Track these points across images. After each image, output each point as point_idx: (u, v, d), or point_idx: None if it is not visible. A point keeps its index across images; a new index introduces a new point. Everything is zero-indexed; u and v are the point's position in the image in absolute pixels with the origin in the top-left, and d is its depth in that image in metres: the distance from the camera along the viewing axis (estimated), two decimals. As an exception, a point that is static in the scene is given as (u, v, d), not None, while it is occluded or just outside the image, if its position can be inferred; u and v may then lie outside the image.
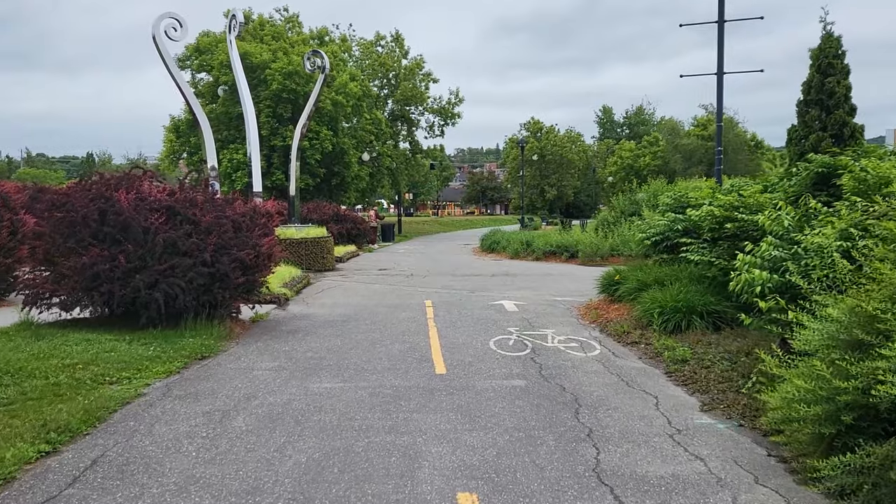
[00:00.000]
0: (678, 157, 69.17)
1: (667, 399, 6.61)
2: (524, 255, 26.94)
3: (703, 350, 8.26)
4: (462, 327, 10.89)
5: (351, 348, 9.21)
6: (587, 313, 12.09)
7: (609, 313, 11.56)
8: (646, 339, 9.26)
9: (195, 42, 39.28)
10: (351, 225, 31.40)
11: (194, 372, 7.82)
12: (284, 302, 13.93)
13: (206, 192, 10.75)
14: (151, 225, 9.64)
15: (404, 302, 14.06)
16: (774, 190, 9.92)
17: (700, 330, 9.13)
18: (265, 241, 10.69)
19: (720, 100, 13.90)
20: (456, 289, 16.38)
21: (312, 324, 11.34)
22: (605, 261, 23.97)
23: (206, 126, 21.08)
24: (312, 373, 7.76)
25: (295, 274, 17.13)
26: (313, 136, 35.84)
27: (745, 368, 7.17)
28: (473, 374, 7.68)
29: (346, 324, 11.28)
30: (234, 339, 9.91)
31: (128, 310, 10.06)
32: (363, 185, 43.67)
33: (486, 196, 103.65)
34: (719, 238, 9.72)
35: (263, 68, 36.45)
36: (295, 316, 12.30)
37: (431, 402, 6.48)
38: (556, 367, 7.98)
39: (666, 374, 7.61)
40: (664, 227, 11.81)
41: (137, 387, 7.06)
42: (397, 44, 52.81)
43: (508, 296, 14.91)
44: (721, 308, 9.34)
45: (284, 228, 21.64)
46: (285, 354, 8.83)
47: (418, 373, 7.73)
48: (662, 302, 9.67)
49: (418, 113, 53.88)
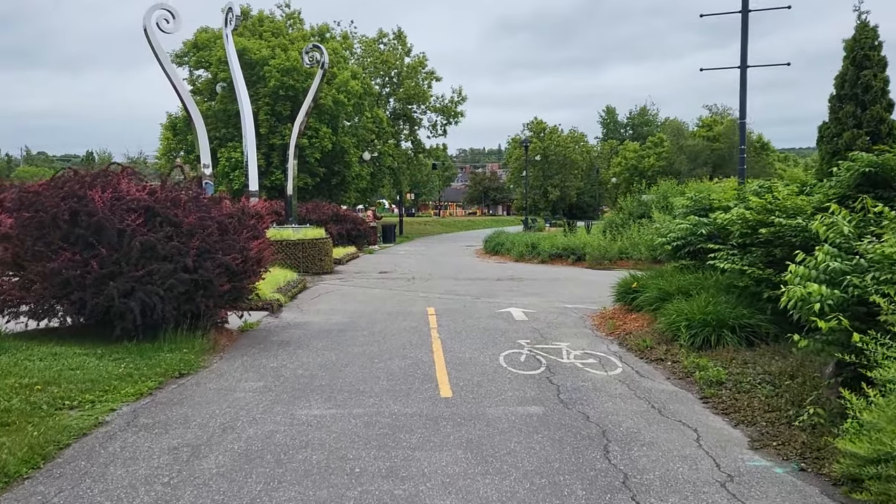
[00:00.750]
0: (683, 157, 68.30)
1: (708, 432, 5.72)
2: (529, 257, 26.07)
3: (738, 370, 7.37)
4: (468, 339, 10.01)
5: (346, 364, 8.33)
6: (603, 324, 11.20)
7: (627, 324, 10.68)
8: (672, 356, 8.37)
9: (193, 38, 38.47)
10: (351, 225, 30.53)
11: (168, 394, 6.94)
12: (277, 308, 13.05)
13: (191, 190, 9.87)
14: (128, 227, 8.76)
15: (405, 309, 13.18)
16: (812, 192, 9.03)
17: (732, 346, 8.24)
18: (254, 245, 9.81)
19: (743, 94, 13.00)
20: (460, 294, 15.50)
21: (306, 334, 10.46)
22: (613, 264, 23.10)
23: (199, 122, 20.22)
24: (301, 395, 6.88)
25: (290, 278, 16.25)
26: (312, 134, 34.98)
27: (793, 395, 6.29)
28: (483, 397, 6.80)
29: (342, 334, 10.41)
30: (218, 352, 9.03)
31: (103, 319, 9.20)
32: (364, 184, 42.79)
33: (489, 196, 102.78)
34: (752, 244, 8.84)
35: (262, 65, 35.60)
36: (288, 325, 11.42)
37: (436, 436, 5.60)
38: (575, 390, 7.09)
39: (701, 400, 6.71)
40: (686, 231, 10.93)
41: (101, 413, 6.18)
42: (400, 41, 51.94)
43: (516, 302, 14.03)
44: (754, 322, 8.46)
45: (281, 229, 20.78)
46: (273, 372, 7.95)
47: (421, 396, 6.85)
48: (689, 314, 8.78)
49: (420, 112, 53.04)
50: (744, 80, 13.01)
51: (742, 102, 13.04)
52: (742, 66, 12.92)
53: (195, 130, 20.42)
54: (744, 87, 13.00)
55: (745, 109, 13.04)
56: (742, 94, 12.98)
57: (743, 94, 12.96)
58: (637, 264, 22.84)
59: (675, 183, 27.99)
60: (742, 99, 12.99)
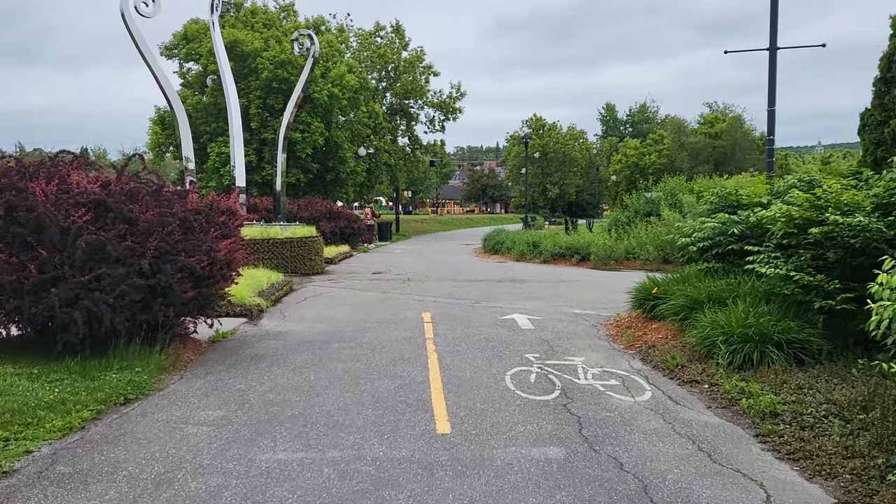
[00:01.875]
0: (685, 155, 67.15)
1: (779, 489, 4.49)
2: (531, 257, 24.82)
3: (793, 398, 6.15)
4: (468, 352, 8.77)
5: (326, 386, 7.09)
6: (619, 334, 9.97)
7: (648, 335, 9.45)
8: (709, 377, 7.13)
9: (182, 30, 37.19)
10: (345, 223, 29.25)
11: (104, 428, 5.70)
12: (257, 315, 11.80)
13: (153, 183, 8.60)
14: (73, 224, 7.51)
15: (398, 315, 11.94)
16: (871, 185, 7.80)
17: (779, 365, 7.02)
18: (223, 245, 8.55)
19: (773, 78, 11.77)
20: (458, 297, 14.26)
21: (285, 346, 9.22)
22: (619, 264, 21.91)
23: (181, 114, 18.96)
24: (267, 430, 5.64)
25: (275, 279, 15.00)
26: (304, 128, 33.72)
27: (875, 435, 5.06)
28: (489, 433, 5.57)
29: (325, 346, 9.17)
30: (179, 370, 7.78)
31: (45, 331, 7.96)
32: (360, 181, 41.50)
33: (487, 194, 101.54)
34: (798, 245, 7.62)
35: (254, 57, 34.32)
36: (266, 333, 10.18)
37: (431, 494, 4.36)
38: (600, 423, 5.85)
39: (757, 438, 5.47)
40: (714, 231, 9.69)
41: (12, 456, 4.93)
42: (397, 35, 50.63)
43: (520, 307, 12.80)
44: (804, 337, 7.23)
45: (268, 227, 19.54)
46: (238, 396, 6.70)
47: (412, 431, 5.61)
48: (726, 327, 7.55)
49: (418, 107, 51.79)
50: (773, 63, 11.75)
51: (771, 88, 11.79)
52: (771, 48, 11.68)
53: (177, 123, 19.17)
54: (773, 71, 11.75)
55: (775, 95, 11.79)
56: (771, 78, 11.73)
57: (772, 79, 11.71)
58: (645, 265, 21.64)
59: (684, 179, 26.77)
60: (771, 84, 11.74)
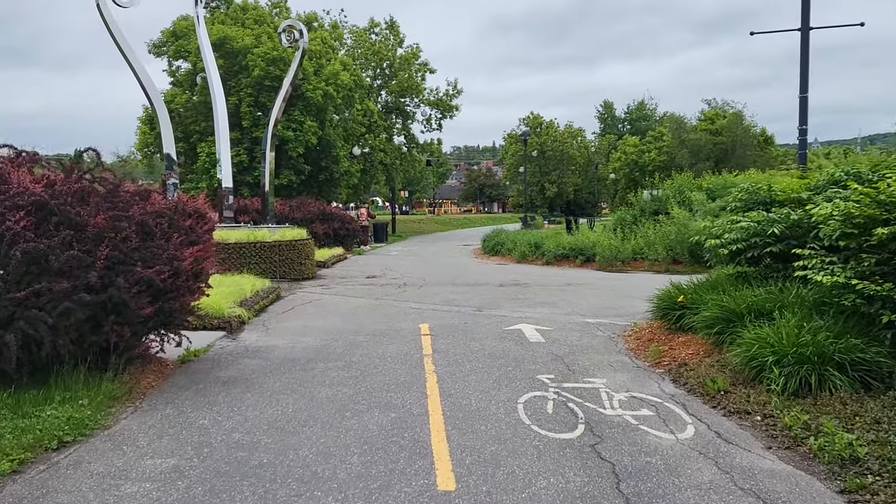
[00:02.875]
0: (685, 152, 66.01)
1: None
2: (533, 258, 23.71)
3: (872, 435, 5.03)
4: (472, 373, 7.65)
5: (305, 421, 5.96)
6: (641, 348, 8.86)
7: (676, 350, 8.33)
8: (760, 406, 6.01)
9: (171, 27, 36.05)
10: (339, 224, 28.13)
11: (22, 487, 4.55)
12: (237, 327, 10.67)
13: (108, 182, 7.44)
14: (8, 231, 6.38)
15: (393, 326, 10.82)
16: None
17: (844, 392, 5.90)
18: (188, 253, 7.41)
19: (805, 61, 10.60)
20: (459, 305, 13.14)
21: (263, 366, 8.09)
22: (626, 266, 20.83)
23: (161, 109, 17.86)
24: (224, 489, 4.50)
25: (260, 286, 13.85)
26: (297, 126, 32.58)
27: None
28: (503, 490, 4.43)
29: (309, 366, 8.04)
30: (135, 399, 6.65)
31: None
32: (354, 181, 40.33)
33: (484, 193, 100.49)
34: (859, 249, 6.52)
35: (245, 54, 33.19)
36: (245, 350, 9.05)
37: None
38: (640, 473, 4.72)
39: (843, 497, 4.34)
40: (747, 231, 8.56)
41: None
42: (392, 32, 49.48)
43: (526, 316, 11.69)
44: (870, 357, 6.12)
45: (255, 230, 18.39)
46: (198, 437, 5.56)
47: (408, 489, 4.47)
48: (777, 345, 6.43)
49: (414, 105, 50.65)
50: (805, 46, 10.60)
51: (803, 72, 10.63)
52: (804, 28, 10.55)
53: (157, 119, 18.05)
54: (805, 54, 10.60)
55: (808, 81, 10.62)
56: (804, 61, 10.56)
57: (805, 63, 10.54)
58: (653, 266, 20.54)
59: (692, 176, 25.68)
60: (804, 68, 10.58)
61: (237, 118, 32.96)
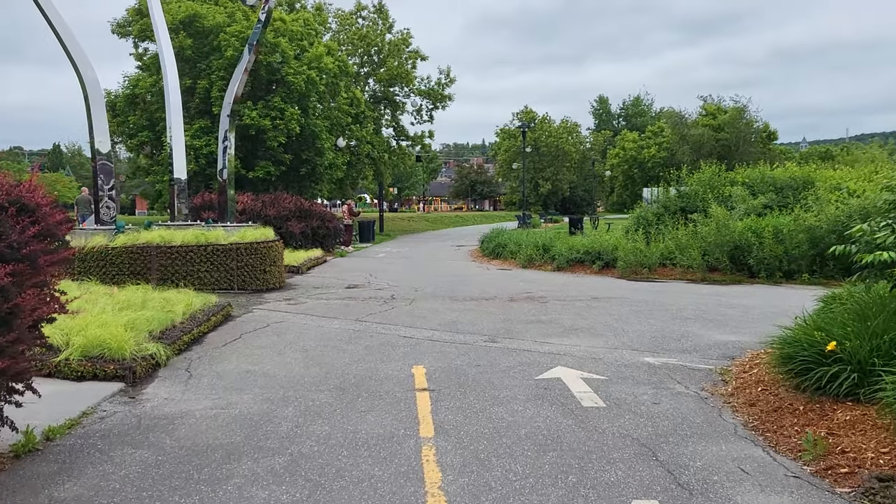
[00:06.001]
0: (686, 148, 63.04)
1: None
2: (540, 263, 20.39)
3: None
4: (511, 492, 4.34)
5: None
6: (770, 424, 5.54)
7: (843, 435, 5.03)
8: None
9: (136, 4, 32.49)
10: (318, 222, 24.71)
11: None
12: (145, 374, 7.28)
13: None
14: None
15: (374, 372, 7.47)
16: None
17: None
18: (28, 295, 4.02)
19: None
20: (464, 332, 9.81)
21: (147, 466, 4.73)
22: (653, 273, 17.58)
23: (92, 83, 14.46)
24: None
25: (200, 305, 10.43)
26: (277, 115, 29.14)
27: None
28: None
29: (227, 467, 4.69)
30: None
31: None
32: (339, 175, 36.87)
33: (476, 191, 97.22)
34: None
35: (217, 33, 29.76)
36: (137, 424, 5.68)
37: None
38: None
39: None
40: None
41: None
42: (380, 16, 46.05)
43: (559, 351, 8.38)
44: None
45: (207, 229, 14.95)
46: None
47: None
48: None
49: (404, 95, 47.25)
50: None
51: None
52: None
53: (86, 95, 14.66)
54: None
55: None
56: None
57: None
58: (687, 273, 17.22)
59: (722, 168, 22.47)
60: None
61: (207, 104, 29.51)
